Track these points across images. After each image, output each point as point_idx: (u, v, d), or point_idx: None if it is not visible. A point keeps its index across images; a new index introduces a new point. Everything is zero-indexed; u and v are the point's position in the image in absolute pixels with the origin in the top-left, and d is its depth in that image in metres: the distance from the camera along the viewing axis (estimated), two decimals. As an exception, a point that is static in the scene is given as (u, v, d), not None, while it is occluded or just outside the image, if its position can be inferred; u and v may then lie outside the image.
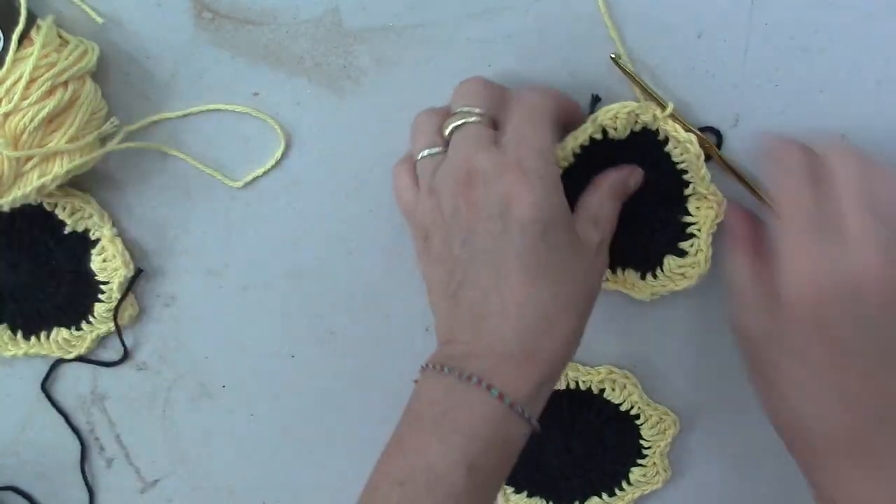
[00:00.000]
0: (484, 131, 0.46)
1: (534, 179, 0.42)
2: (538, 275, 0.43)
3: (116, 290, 0.58)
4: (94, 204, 0.56)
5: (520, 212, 0.42)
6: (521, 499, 0.61)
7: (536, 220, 0.42)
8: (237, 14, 0.53)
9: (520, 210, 0.42)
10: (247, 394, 0.61)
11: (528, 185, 0.42)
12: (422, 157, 0.48)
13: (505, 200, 0.43)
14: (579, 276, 0.44)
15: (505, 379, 0.43)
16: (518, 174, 0.42)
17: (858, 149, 0.46)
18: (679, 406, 0.59)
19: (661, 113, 0.50)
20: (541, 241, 0.42)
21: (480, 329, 0.44)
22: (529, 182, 0.42)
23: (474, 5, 0.52)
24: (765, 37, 0.52)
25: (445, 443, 0.42)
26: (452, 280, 0.45)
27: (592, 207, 0.47)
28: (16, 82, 0.48)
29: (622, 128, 0.50)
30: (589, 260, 0.45)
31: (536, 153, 0.44)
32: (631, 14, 0.52)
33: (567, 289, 0.43)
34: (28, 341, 0.59)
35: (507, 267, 0.43)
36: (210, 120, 0.55)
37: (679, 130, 0.50)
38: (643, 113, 0.50)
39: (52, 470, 0.63)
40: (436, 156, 0.47)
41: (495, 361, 0.43)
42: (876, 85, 0.52)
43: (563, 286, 0.43)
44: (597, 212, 0.47)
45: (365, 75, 0.54)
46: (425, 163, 0.48)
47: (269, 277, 0.58)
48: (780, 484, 0.61)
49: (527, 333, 0.43)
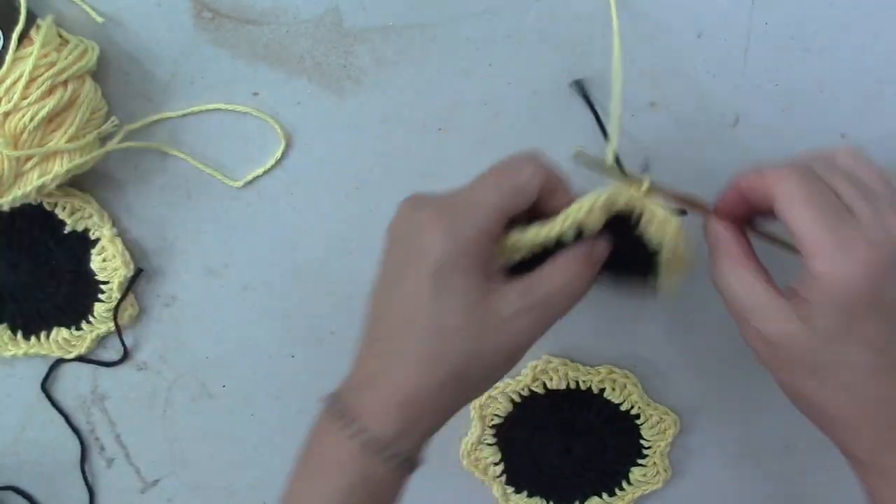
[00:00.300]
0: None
1: (446, 223, 0.42)
2: (421, 314, 0.42)
3: (116, 289, 0.58)
4: (94, 204, 0.56)
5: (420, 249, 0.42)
6: (521, 499, 0.61)
7: (433, 260, 0.41)
8: (237, 14, 0.53)
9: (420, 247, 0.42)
10: (247, 394, 0.61)
11: (439, 229, 0.42)
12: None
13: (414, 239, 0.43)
14: (469, 330, 0.42)
15: (370, 415, 0.42)
16: (435, 220, 0.42)
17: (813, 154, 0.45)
18: (679, 406, 0.59)
19: (637, 191, 0.45)
20: (430, 281, 0.41)
21: (364, 359, 0.44)
22: (441, 226, 0.42)
23: (474, 5, 0.53)
24: (765, 37, 0.52)
25: (310, 483, 0.43)
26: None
27: (529, 279, 0.43)
28: (15, 81, 0.48)
29: (596, 221, 0.45)
30: (495, 320, 0.42)
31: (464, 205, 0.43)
32: (631, 14, 0.52)
33: (447, 335, 0.41)
34: (28, 341, 0.59)
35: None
36: (210, 120, 0.55)
37: (657, 210, 0.45)
38: (618, 199, 0.45)
39: (52, 470, 0.63)
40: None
41: (363, 395, 0.43)
42: (876, 85, 0.52)
43: (442, 332, 0.41)
44: (531, 284, 0.43)
45: (365, 75, 0.54)
46: None
47: (269, 277, 0.58)
48: (779, 483, 0.61)
49: (395, 371, 0.42)
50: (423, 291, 0.41)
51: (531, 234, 0.44)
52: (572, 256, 0.44)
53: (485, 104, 0.54)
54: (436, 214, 0.42)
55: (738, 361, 0.58)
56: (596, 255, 0.45)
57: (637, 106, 0.54)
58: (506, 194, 0.42)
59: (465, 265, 0.41)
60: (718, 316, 0.56)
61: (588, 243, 0.44)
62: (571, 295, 0.44)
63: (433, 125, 0.55)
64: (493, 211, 0.42)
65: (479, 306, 0.41)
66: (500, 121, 0.55)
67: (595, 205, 0.44)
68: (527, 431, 0.60)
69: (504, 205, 0.42)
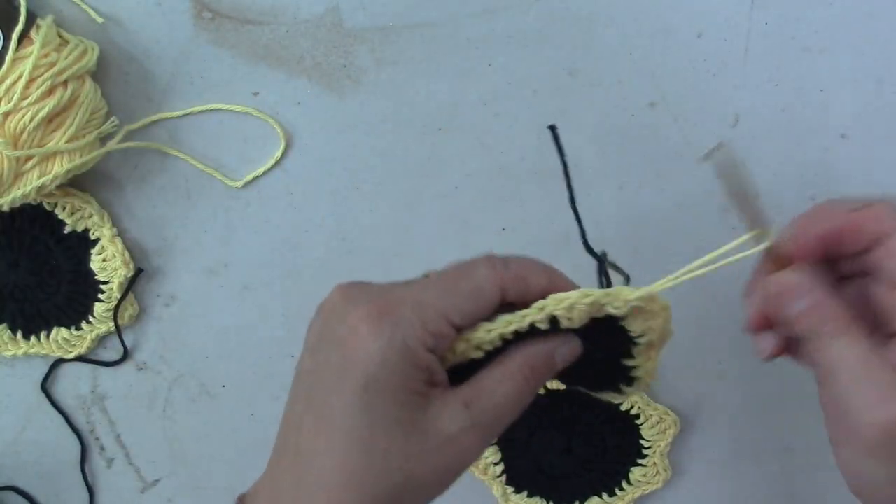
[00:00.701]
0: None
1: (382, 329, 0.35)
2: (347, 432, 0.35)
3: (116, 289, 0.58)
4: (93, 204, 0.56)
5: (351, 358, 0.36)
6: (522, 499, 0.61)
7: (364, 372, 0.35)
8: (237, 14, 0.53)
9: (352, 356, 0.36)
10: (247, 394, 0.61)
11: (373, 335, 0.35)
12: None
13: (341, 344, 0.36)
14: (404, 453, 0.35)
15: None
16: (370, 323, 0.35)
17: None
18: (679, 406, 0.59)
19: (640, 295, 0.37)
20: (359, 394, 0.35)
21: (275, 470, 0.38)
22: (377, 332, 0.35)
23: (474, 5, 0.52)
24: (765, 37, 0.52)
25: None
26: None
27: (476, 388, 0.37)
28: (15, 82, 0.48)
29: (579, 320, 0.37)
30: (435, 439, 0.36)
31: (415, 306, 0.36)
32: (631, 14, 0.52)
33: (376, 458, 0.35)
34: (28, 341, 0.59)
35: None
36: (210, 120, 0.55)
37: (652, 304, 0.38)
38: (612, 304, 0.37)
39: (52, 470, 0.63)
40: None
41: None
42: (876, 85, 0.52)
43: (372, 454, 0.35)
44: (478, 395, 0.36)
45: (365, 75, 0.54)
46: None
47: (269, 277, 0.58)
48: (779, 484, 0.61)
49: (311, 493, 0.36)
50: (351, 407, 0.35)
51: (496, 330, 0.37)
52: (525, 360, 0.37)
53: (485, 104, 0.54)
54: (372, 316, 0.35)
55: (738, 361, 0.58)
56: (561, 359, 0.38)
57: (637, 106, 0.54)
58: (455, 299, 0.36)
59: (402, 379, 0.35)
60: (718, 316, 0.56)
61: (552, 343, 0.38)
62: (519, 406, 0.37)
63: (433, 125, 0.55)
64: (437, 316, 0.36)
65: (418, 425, 0.35)
66: (500, 121, 0.55)
67: (580, 304, 0.36)
68: (527, 431, 0.60)
69: (452, 310, 0.36)
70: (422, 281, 0.38)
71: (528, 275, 0.37)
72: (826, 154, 0.54)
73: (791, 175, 0.54)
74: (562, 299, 0.36)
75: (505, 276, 0.37)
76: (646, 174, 0.55)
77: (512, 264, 0.37)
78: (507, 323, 0.36)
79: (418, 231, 0.57)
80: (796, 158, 0.54)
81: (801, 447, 0.60)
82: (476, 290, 0.36)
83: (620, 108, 0.54)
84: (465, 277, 0.37)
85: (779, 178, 0.54)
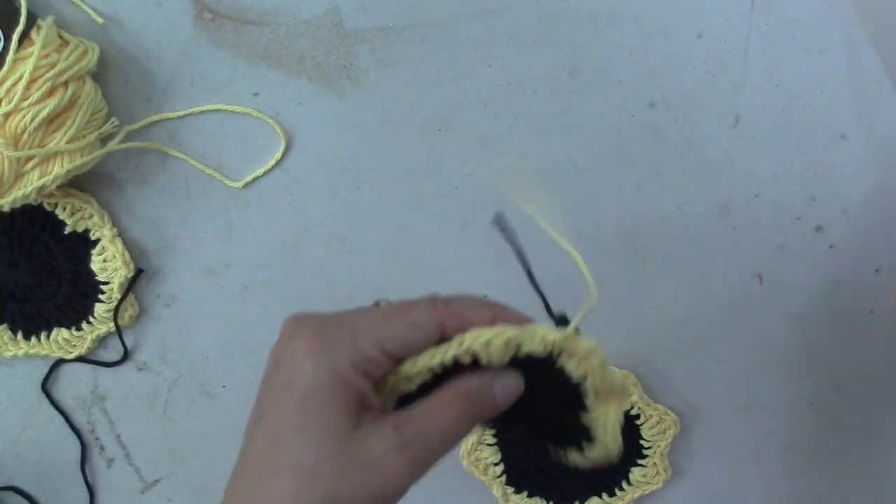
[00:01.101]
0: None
1: (318, 350, 0.37)
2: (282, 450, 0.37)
3: (117, 290, 0.58)
4: (94, 204, 0.56)
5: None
6: (522, 499, 0.61)
7: (299, 389, 0.37)
8: (237, 14, 0.53)
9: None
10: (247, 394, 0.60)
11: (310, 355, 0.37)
12: None
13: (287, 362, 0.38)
14: (330, 471, 0.36)
15: None
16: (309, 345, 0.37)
17: None
18: (679, 406, 0.59)
19: (556, 335, 0.36)
20: (294, 410, 0.37)
21: (230, 489, 0.40)
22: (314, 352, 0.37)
23: (474, 6, 0.53)
24: (765, 37, 0.52)
25: None
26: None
27: (408, 414, 0.37)
28: (16, 82, 0.48)
29: (498, 357, 0.37)
30: (362, 459, 0.36)
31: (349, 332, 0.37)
32: (631, 14, 0.52)
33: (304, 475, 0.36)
34: (28, 341, 0.59)
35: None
36: (210, 120, 0.55)
37: (577, 345, 0.37)
38: (528, 342, 0.37)
39: (52, 470, 0.63)
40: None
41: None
42: (875, 85, 0.52)
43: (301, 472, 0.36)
44: (409, 420, 0.37)
45: (365, 75, 0.54)
46: None
47: (270, 277, 0.58)
48: (779, 483, 0.61)
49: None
50: (287, 424, 0.37)
51: (420, 361, 0.37)
52: (459, 390, 0.37)
53: (485, 105, 0.54)
54: (311, 339, 0.37)
55: (738, 361, 0.58)
56: (501, 393, 0.38)
57: (637, 106, 0.54)
58: (390, 327, 0.37)
59: (333, 397, 0.36)
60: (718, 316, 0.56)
61: (488, 376, 0.38)
62: (453, 436, 0.37)
63: (433, 125, 0.55)
64: (371, 342, 0.37)
65: (344, 443, 0.36)
66: (500, 121, 0.55)
67: (496, 339, 0.36)
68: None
69: (386, 338, 0.37)
70: (367, 309, 0.39)
71: (468, 312, 0.38)
72: (826, 154, 0.54)
73: (791, 175, 0.54)
74: (479, 335, 0.36)
75: (444, 312, 0.38)
76: (646, 174, 0.55)
77: (455, 303, 0.38)
78: (431, 355, 0.37)
79: (418, 231, 0.57)
80: (796, 159, 0.54)
81: (801, 447, 0.60)
82: (413, 321, 0.37)
83: (620, 109, 0.54)
84: (404, 310, 0.38)
85: (779, 178, 0.54)
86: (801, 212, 0.55)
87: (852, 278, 0.56)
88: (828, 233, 0.55)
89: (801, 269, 0.56)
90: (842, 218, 0.55)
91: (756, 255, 0.56)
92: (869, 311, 0.57)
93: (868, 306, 0.56)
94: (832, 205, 0.55)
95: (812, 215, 0.55)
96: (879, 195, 0.54)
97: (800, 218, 0.55)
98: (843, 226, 0.55)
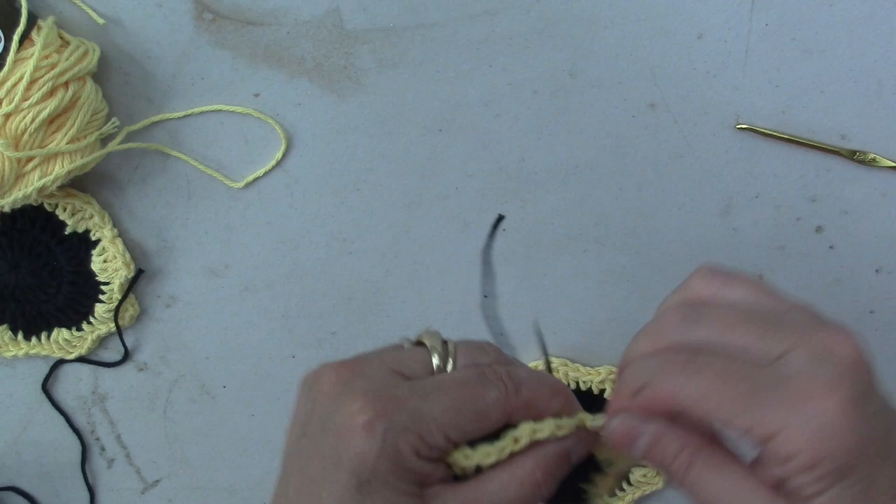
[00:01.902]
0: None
1: (380, 430, 0.34)
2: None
3: (117, 290, 0.58)
4: (94, 205, 0.56)
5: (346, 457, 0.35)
6: None
7: (359, 471, 0.34)
8: (238, 15, 0.53)
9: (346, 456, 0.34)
10: (247, 394, 0.61)
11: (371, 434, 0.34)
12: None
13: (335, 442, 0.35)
14: None
15: None
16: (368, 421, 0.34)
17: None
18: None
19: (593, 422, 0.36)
20: (352, 493, 0.34)
21: None
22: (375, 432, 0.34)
23: (474, 5, 0.53)
24: (765, 37, 0.52)
25: None
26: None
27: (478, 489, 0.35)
28: (17, 83, 0.48)
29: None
30: None
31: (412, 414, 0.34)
32: (631, 14, 0.52)
33: None
34: (29, 342, 0.60)
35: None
36: (211, 121, 0.55)
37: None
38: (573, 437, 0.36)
39: (52, 470, 0.63)
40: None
41: None
42: (876, 85, 0.52)
43: None
44: (479, 497, 0.35)
45: (366, 76, 0.54)
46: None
47: (270, 278, 0.58)
48: (780, 484, 0.61)
49: None
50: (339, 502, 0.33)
51: (475, 457, 0.35)
52: (543, 459, 0.35)
53: (485, 105, 0.54)
54: (367, 414, 0.33)
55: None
56: (577, 456, 0.37)
57: (637, 106, 0.54)
58: (457, 418, 0.34)
59: (394, 483, 0.33)
60: (718, 316, 0.56)
61: (569, 442, 0.36)
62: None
63: (434, 126, 0.55)
64: (436, 429, 0.34)
65: None
66: (501, 122, 0.55)
67: (553, 435, 0.35)
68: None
69: (451, 429, 0.34)
70: (428, 386, 0.35)
71: (539, 403, 0.36)
72: (826, 156, 0.54)
73: (791, 175, 0.54)
74: (536, 430, 0.35)
75: (515, 402, 0.35)
76: (646, 174, 0.55)
77: (524, 390, 0.36)
78: (486, 454, 0.35)
79: (418, 231, 0.57)
80: (796, 159, 0.54)
81: (801, 447, 0.60)
82: (482, 414, 0.35)
83: (620, 109, 0.54)
84: (472, 398, 0.35)
85: (779, 179, 0.54)
86: (801, 212, 0.55)
87: (852, 278, 0.56)
88: (828, 233, 0.55)
89: (801, 269, 0.56)
90: (842, 218, 0.55)
91: (756, 255, 0.56)
92: (869, 312, 0.57)
93: (868, 306, 0.56)
94: (832, 205, 0.55)
95: (812, 215, 0.55)
96: (879, 195, 0.54)
97: (800, 218, 0.55)
98: (843, 226, 0.55)
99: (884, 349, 0.57)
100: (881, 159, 0.53)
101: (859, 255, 0.56)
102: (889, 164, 0.53)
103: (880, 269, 0.56)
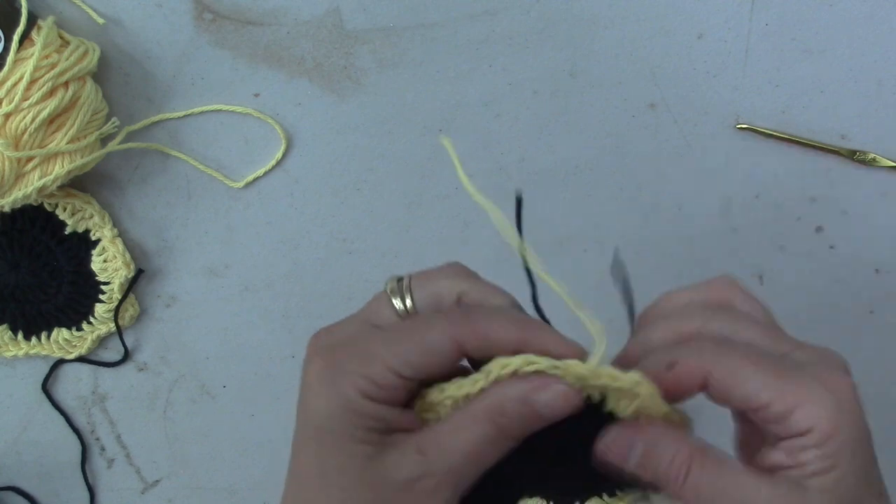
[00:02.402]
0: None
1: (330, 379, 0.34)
2: (308, 485, 0.35)
3: (117, 290, 0.58)
4: (94, 204, 0.56)
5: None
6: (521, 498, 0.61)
7: (313, 422, 0.35)
8: (238, 15, 0.53)
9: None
10: (247, 394, 0.61)
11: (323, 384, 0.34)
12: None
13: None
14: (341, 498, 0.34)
15: None
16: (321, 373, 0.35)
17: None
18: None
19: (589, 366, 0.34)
20: (314, 449, 0.35)
21: None
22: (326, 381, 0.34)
23: (474, 5, 0.53)
24: (765, 37, 0.52)
25: None
26: None
27: (434, 433, 0.34)
28: (17, 83, 0.48)
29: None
30: (388, 490, 0.34)
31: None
32: (631, 14, 0.52)
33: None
34: (29, 342, 0.60)
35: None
36: (211, 120, 0.55)
37: (620, 378, 0.34)
38: (564, 374, 0.33)
39: (52, 470, 0.63)
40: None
41: None
42: (876, 85, 0.52)
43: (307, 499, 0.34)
44: (435, 440, 0.34)
45: (366, 76, 0.54)
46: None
47: (270, 278, 0.58)
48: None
49: None
50: (309, 466, 0.35)
51: (448, 391, 0.34)
52: (490, 403, 0.33)
53: (485, 105, 0.54)
54: (323, 365, 0.34)
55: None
56: (545, 406, 0.34)
57: (637, 106, 0.54)
58: (401, 350, 0.34)
59: (348, 430, 0.33)
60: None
61: (529, 385, 0.33)
62: (493, 453, 0.34)
63: (434, 126, 0.55)
64: (381, 367, 0.33)
65: (372, 474, 0.33)
66: (501, 122, 0.55)
67: (524, 368, 0.33)
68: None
69: (398, 363, 0.33)
70: (383, 327, 0.36)
71: (491, 331, 0.34)
72: (826, 156, 0.54)
73: (791, 175, 0.54)
74: (505, 364, 0.33)
75: (463, 330, 0.34)
76: (646, 174, 0.55)
77: (475, 319, 0.34)
78: (458, 386, 0.34)
79: (418, 231, 0.57)
80: (796, 159, 0.54)
81: (801, 447, 0.60)
82: (426, 344, 0.34)
83: (620, 109, 0.54)
84: (418, 330, 0.34)
85: (779, 179, 0.54)
86: (801, 212, 0.55)
87: (852, 278, 0.56)
88: (828, 233, 0.55)
89: (801, 269, 0.56)
90: (842, 218, 0.55)
91: (756, 255, 0.56)
92: (869, 312, 0.57)
93: (868, 306, 0.56)
94: (832, 205, 0.55)
95: (812, 215, 0.55)
96: (879, 195, 0.54)
97: (800, 218, 0.55)
98: (843, 226, 0.55)
99: (884, 349, 0.57)
100: (881, 159, 0.53)
101: (859, 255, 0.56)
102: (889, 164, 0.53)
103: (880, 269, 0.56)
